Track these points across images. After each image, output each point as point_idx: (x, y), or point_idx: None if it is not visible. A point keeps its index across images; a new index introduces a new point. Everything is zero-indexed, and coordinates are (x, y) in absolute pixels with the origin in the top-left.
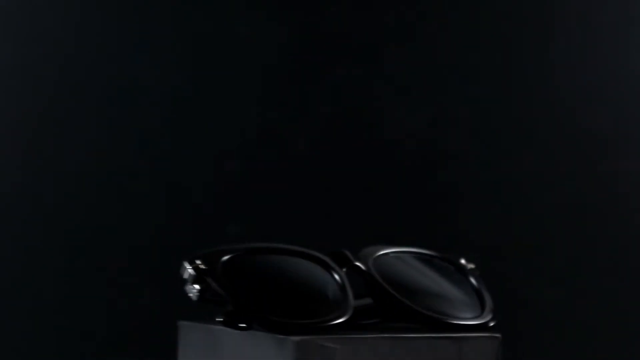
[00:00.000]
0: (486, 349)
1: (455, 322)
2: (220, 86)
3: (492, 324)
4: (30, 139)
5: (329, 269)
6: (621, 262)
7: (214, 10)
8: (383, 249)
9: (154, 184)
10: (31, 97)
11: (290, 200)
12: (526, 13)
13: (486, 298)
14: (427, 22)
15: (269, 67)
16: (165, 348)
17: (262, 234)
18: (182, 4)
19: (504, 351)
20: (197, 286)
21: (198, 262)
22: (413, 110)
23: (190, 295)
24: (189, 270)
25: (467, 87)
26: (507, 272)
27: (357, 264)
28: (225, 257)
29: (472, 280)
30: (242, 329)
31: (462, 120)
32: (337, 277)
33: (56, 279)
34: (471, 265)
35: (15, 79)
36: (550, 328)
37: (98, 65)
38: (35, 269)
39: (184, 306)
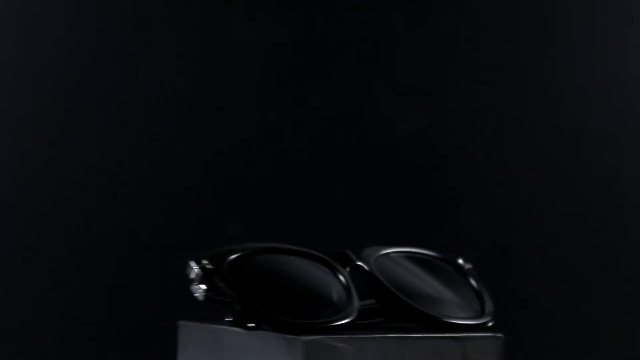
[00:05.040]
0: (489, 348)
1: (456, 321)
2: (220, 86)
3: (491, 324)
4: (30, 139)
5: (333, 269)
6: (621, 262)
7: (214, 10)
8: (384, 249)
9: (154, 183)
10: (31, 97)
11: (290, 200)
12: (526, 13)
13: (485, 298)
14: (427, 22)
15: (269, 67)
16: (166, 348)
17: (262, 234)
18: (182, 4)
19: (505, 351)
20: (203, 286)
21: (205, 262)
22: (413, 111)
23: (197, 295)
24: (195, 270)
25: (468, 87)
26: (507, 272)
27: (360, 263)
28: (232, 257)
29: (471, 280)
30: (251, 328)
31: (463, 121)
32: (341, 277)
33: (56, 279)
34: (469, 266)
35: (16, 79)
36: (550, 328)
37: (98, 65)
38: (35, 269)
39: (185, 306)
